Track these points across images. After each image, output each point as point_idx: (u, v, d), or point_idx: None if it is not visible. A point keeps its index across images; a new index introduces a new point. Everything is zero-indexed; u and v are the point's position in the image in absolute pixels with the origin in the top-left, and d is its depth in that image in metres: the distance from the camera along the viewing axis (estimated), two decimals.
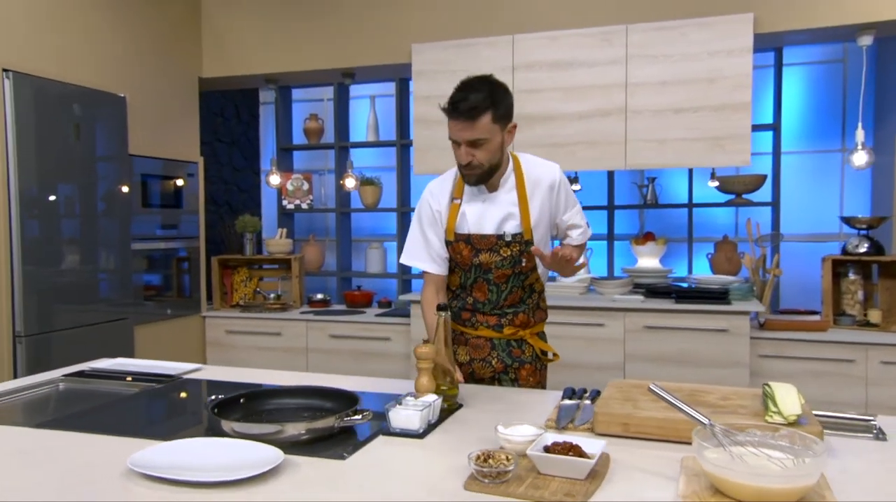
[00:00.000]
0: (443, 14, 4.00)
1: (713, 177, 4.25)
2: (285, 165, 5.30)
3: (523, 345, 2.09)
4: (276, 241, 4.52)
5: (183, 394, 1.88)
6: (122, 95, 3.74)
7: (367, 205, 4.74)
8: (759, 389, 1.64)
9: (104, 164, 3.64)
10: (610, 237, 4.75)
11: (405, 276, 4.60)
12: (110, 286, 3.67)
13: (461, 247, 1.99)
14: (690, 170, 4.51)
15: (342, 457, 1.37)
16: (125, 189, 3.75)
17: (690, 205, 4.55)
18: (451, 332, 1.85)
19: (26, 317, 3.19)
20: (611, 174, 4.65)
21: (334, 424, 1.46)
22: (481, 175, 1.91)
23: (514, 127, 1.94)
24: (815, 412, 1.58)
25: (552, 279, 4.30)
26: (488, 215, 1.97)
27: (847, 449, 1.42)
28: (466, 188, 1.99)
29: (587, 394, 1.79)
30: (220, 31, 4.43)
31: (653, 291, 3.73)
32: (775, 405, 1.44)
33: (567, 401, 1.71)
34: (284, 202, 5.00)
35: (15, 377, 3.15)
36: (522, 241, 1.97)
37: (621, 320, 3.53)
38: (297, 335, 4.13)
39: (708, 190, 4.39)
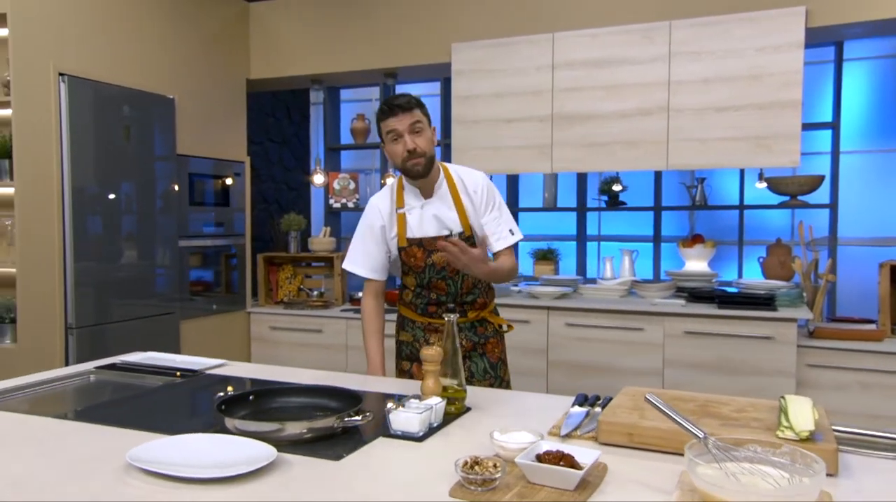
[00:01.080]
0: (483, 13, 3.99)
1: (761, 178, 4.09)
2: (333, 165, 5.39)
3: (485, 323, 2.33)
4: (320, 240, 4.60)
5: (200, 390, 1.93)
6: (172, 97, 3.88)
7: None
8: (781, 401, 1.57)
9: (153, 164, 3.78)
10: (656, 239, 4.64)
11: None
12: (158, 281, 3.81)
13: (414, 250, 2.21)
14: (742, 171, 4.36)
15: (338, 458, 1.38)
16: (173, 188, 3.88)
17: (741, 206, 4.40)
18: (421, 324, 2.16)
19: (77, 311, 3.34)
20: (658, 174, 4.54)
21: (334, 424, 1.47)
22: (425, 164, 2.13)
23: (434, 129, 2.21)
24: (837, 427, 1.50)
25: (593, 281, 4.22)
26: (427, 219, 2.21)
27: (867, 468, 1.34)
28: (406, 197, 2.24)
29: (599, 401, 1.75)
30: (267, 33, 4.54)
31: (695, 296, 3.62)
32: (787, 419, 1.37)
33: (577, 409, 1.68)
34: (331, 201, 5.08)
35: (66, 366, 3.30)
36: (465, 238, 2.19)
37: (661, 325, 3.44)
38: (338, 332, 4.19)
39: (761, 191, 4.23)
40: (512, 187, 5.01)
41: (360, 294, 4.54)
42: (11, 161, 3.14)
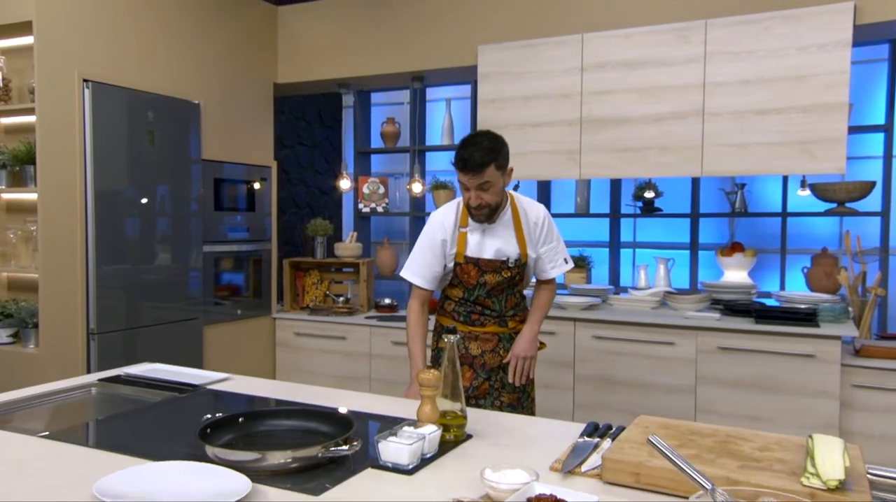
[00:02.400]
0: (510, 14, 3.87)
1: (804, 185, 3.86)
2: (363, 168, 5.33)
3: None
4: (346, 245, 4.54)
5: (195, 408, 1.87)
6: (197, 102, 3.86)
7: None
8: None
9: (178, 169, 3.77)
10: (693, 247, 4.45)
11: None
12: (181, 287, 3.80)
13: (469, 268, 2.34)
14: (785, 177, 4.14)
15: (320, 491, 1.29)
16: (198, 193, 3.87)
17: (784, 213, 4.18)
18: (461, 333, 2.35)
19: (99, 316, 3.34)
20: (695, 180, 4.35)
21: (318, 454, 1.39)
22: (488, 213, 2.27)
23: (511, 170, 2.29)
24: (875, 471, 1.35)
25: (625, 291, 4.06)
26: (487, 243, 2.33)
27: None
28: (469, 219, 2.34)
29: (611, 432, 1.63)
30: (295, 37, 4.50)
31: (731, 308, 3.43)
32: (814, 465, 1.23)
33: (584, 439, 1.56)
34: (360, 205, 5.02)
35: (88, 372, 3.31)
36: (520, 265, 2.36)
37: (693, 339, 3.27)
38: (361, 340, 4.12)
39: (806, 197, 4.00)
40: (543, 192, 4.87)
41: (387, 300, 4.51)
42: (35, 167, 3.16)
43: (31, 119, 3.18)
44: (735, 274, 4.07)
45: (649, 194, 4.14)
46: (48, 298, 3.18)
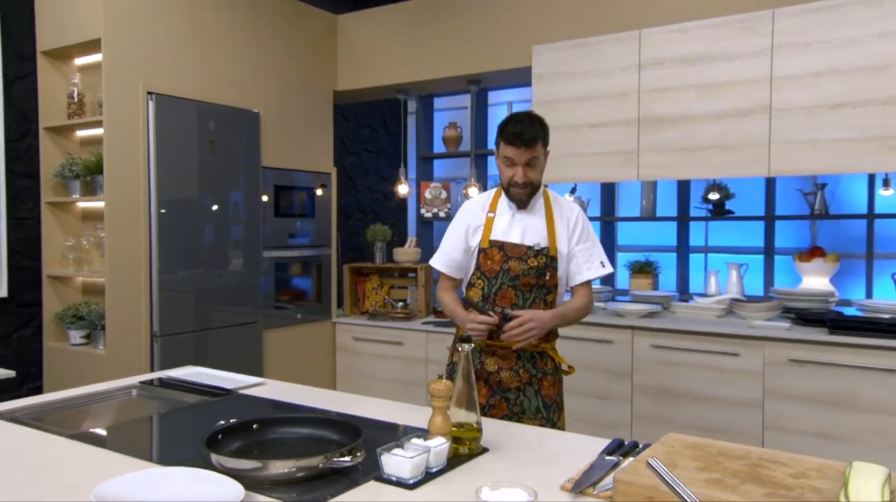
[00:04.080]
0: (564, 13, 3.76)
1: (886, 184, 3.56)
2: (425, 174, 5.34)
3: (545, 356, 2.23)
4: (405, 250, 4.54)
5: (221, 413, 1.88)
6: (257, 111, 3.96)
7: None
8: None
9: (238, 176, 3.87)
10: (767, 251, 4.19)
11: None
12: (241, 291, 3.90)
13: (494, 252, 2.20)
14: (871, 176, 3.84)
15: None
16: (258, 199, 3.97)
17: (871, 215, 3.88)
18: (478, 346, 2.17)
19: (162, 319, 3.47)
20: (770, 181, 4.10)
21: (319, 464, 1.36)
22: (528, 194, 2.19)
23: (548, 153, 2.24)
24: None
25: (687, 299, 3.87)
26: (514, 228, 2.22)
27: None
28: (500, 204, 2.26)
29: (637, 450, 1.52)
30: (354, 44, 4.55)
31: (804, 318, 3.19)
32: (846, 495, 1.10)
33: (604, 458, 1.46)
34: (422, 210, 5.03)
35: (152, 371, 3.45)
36: (548, 256, 2.19)
37: (760, 350, 3.06)
38: (418, 345, 4.10)
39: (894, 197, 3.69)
40: (607, 195, 4.72)
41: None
42: (103, 176, 3.32)
43: (100, 131, 3.35)
44: (814, 280, 3.79)
45: (714, 195, 3.92)
46: (114, 302, 3.33)
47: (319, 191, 4.46)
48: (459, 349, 1.58)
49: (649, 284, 4.14)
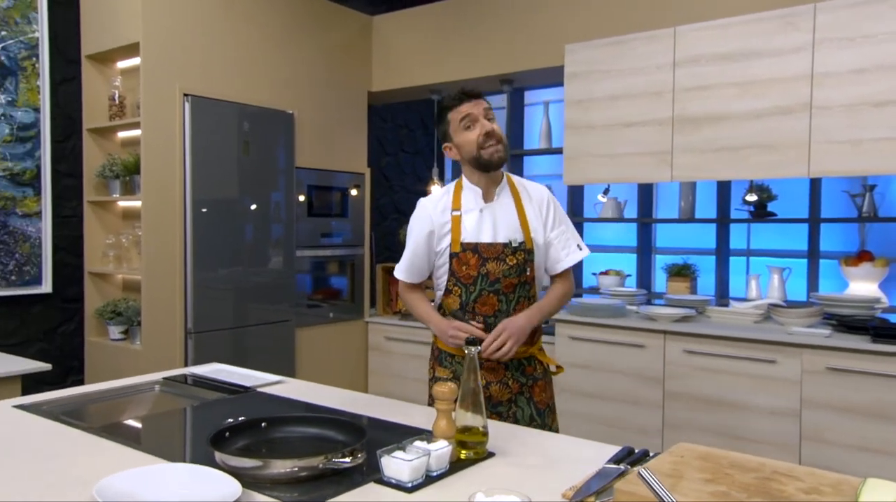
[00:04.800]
0: (597, 11, 3.71)
1: None
2: (459, 174, 5.32)
3: (533, 361, 2.08)
4: None
5: (235, 410, 1.90)
6: (291, 112, 4.01)
7: None
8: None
9: (272, 177, 3.93)
10: (811, 255, 4.03)
11: None
12: (274, 290, 3.95)
13: (468, 256, 2.00)
14: None
15: None
16: (291, 199, 4.02)
17: None
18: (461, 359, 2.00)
19: (196, 316, 3.55)
20: (814, 182, 3.94)
21: (319, 464, 1.36)
22: (504, 150, 1.99)
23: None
24: None
25: (725, 304, 3.76)
26: (485, 224, 2.01)
27: None
28: (463, 199, 2.05)
29: (648, 458, 1.48)
30: (388, 45, 4.57)
31: (846, 325, 3.06)
32: None
33: (610, 466, 1.42)
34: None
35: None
36: (526, 250, 2.02)
37: (798, 358, 2.94)
38: None
39: None
40: (644, 196, 4.62)
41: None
42: (140, 176, 3.41)
43: (139, 132, 3.44)
44: (861, 286, 3.63)
45: (751, 197, 3.80)
46: (150, 299, 3.41)
47: (354, 192, 4.49)
48: (467, 351, 1.56)
49: (687, 288, 4.04)
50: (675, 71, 3.34)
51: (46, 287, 3.55)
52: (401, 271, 2.15)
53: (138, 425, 1.82)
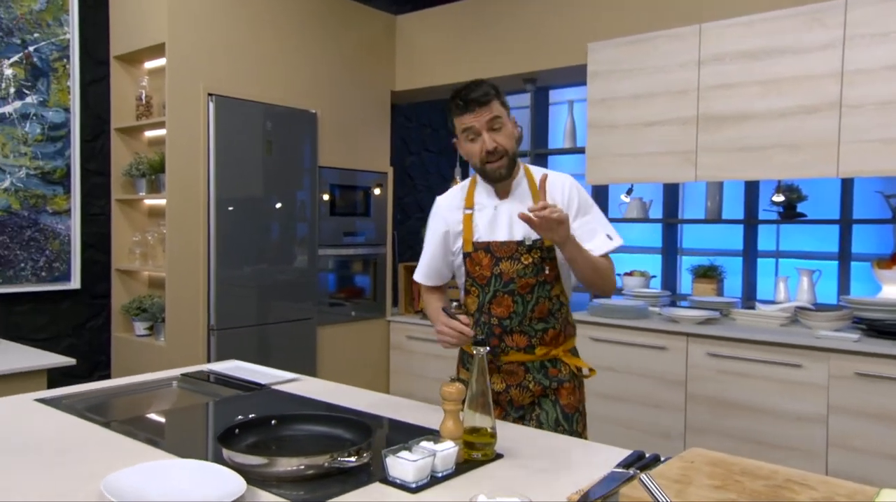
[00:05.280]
0: (619, 9, 3.66)
1: None
2: None
3: (558, 363, 1.99)
4: None
5: (248, 407, 1.92)
6: (314, 111, 4.04)
7: None
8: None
9: (294, 176, 3.96)
10: (842, 257, 3.93)
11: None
12: (297, 288, 3.98)
13: (481, 256, 1.93)
14: None
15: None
16: (314, 198, 4.04)
17: None
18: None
19: (219, 313, 3.59)
20: (846, 182, 3.85)
21: (324, 463, 1.36)
22: (507, 165, 1.90)
23: (516, 122, 1.97)
24: None
25: (751, 306, 3.69)
26: (499, 221, 1.93)
27: None
28: (477, 196, 1.98)
29: (659, 463, 1.45)
30: (412, 45, 4.57)
31: (877, 329, 2.98)
32: None
33: (618, 471, 1.40)
34: None
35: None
36: (543, 248, 1.91)
37: (825, 362, 2.87)
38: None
39: None
40: (670, 196, 4.55)
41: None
42: (165, 175, 3.46)
43: (162, 132, 3.49)
44: (895, 289, 3.53)
45: (778, 198, 3.71)
46: (174, 296, 3.46)
47: (377, 191, 4.51)
48: (475, 351, 1.55)
49: (713, 289, 3.97)
50: (700, 69, 3.28)
51: (75, 283, 3.62)
52: (420, 274, 2.10)
53: (152, 421, 1.84)
